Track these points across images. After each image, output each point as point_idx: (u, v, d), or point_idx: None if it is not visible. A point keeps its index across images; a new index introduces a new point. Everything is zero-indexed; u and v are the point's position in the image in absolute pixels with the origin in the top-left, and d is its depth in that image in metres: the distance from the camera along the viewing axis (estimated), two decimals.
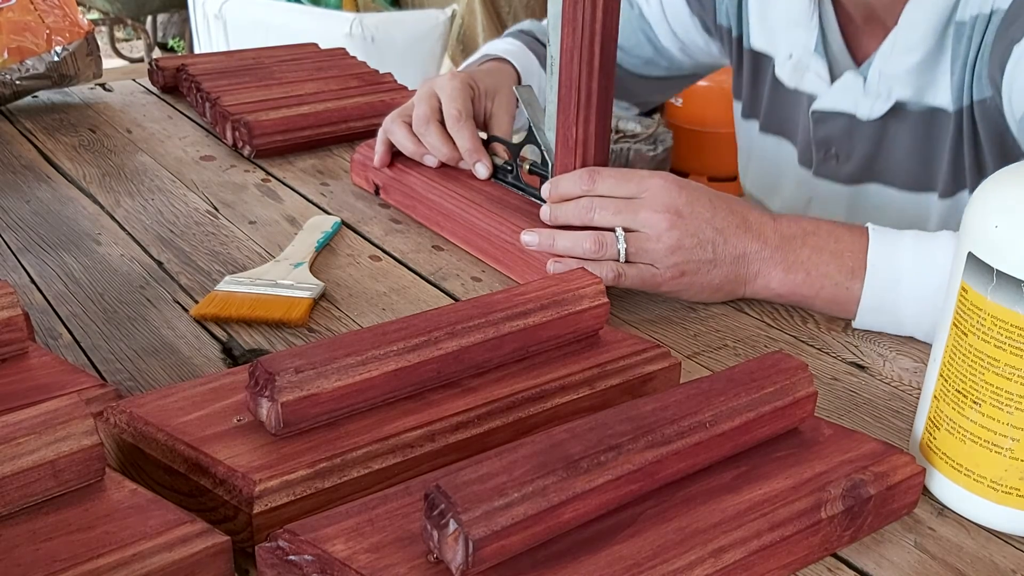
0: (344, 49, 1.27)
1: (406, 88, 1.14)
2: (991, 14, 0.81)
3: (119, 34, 4.07)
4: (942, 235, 0.69)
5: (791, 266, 0.71)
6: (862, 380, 0.67)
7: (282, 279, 0.75)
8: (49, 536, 0.44)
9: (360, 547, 0.43)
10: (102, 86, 1.24)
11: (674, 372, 0.63)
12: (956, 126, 0.87)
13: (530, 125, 0.79)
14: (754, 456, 0.52)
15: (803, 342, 0.72)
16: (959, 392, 0.52)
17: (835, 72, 0.94)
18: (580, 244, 0.71)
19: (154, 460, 0.51)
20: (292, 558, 0.43)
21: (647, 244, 0.70)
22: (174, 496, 0.50)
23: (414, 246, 0.84)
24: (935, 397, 0.54)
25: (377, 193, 0.93)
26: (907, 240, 0.69)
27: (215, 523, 0.47)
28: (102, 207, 0.90)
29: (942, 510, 0.55)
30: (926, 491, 0.55)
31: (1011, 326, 0.48)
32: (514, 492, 0.41)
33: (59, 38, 1.11)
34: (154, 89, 1.24)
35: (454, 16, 2.81)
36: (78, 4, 1.37)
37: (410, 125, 0.88)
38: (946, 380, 0.53)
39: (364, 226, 0.88)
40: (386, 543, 0.43)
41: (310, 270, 0.77)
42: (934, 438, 0.54)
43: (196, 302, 0.73)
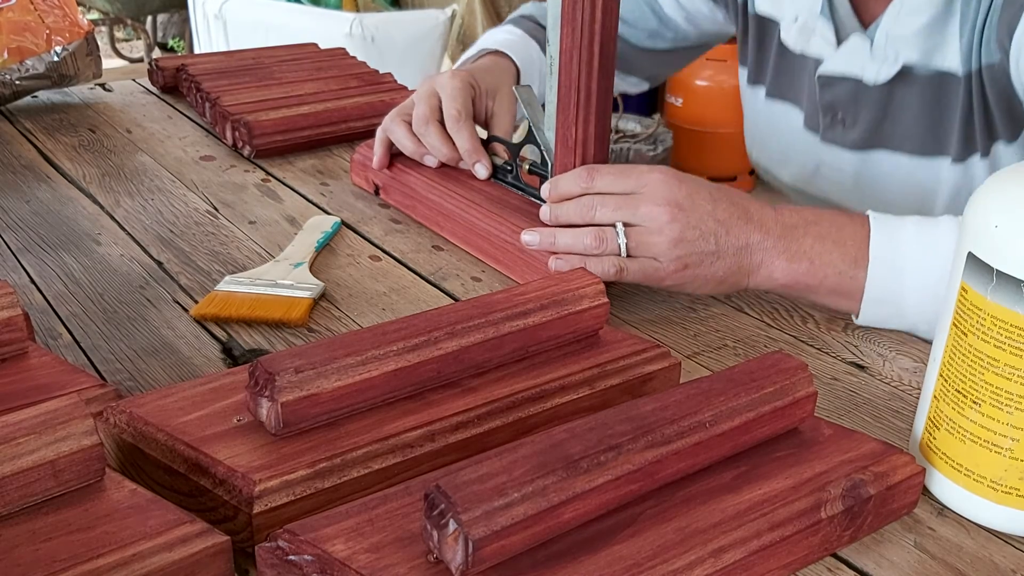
0: (344, 49, 1.27)
1: (406, 88, 1.14)
2: None
3: (119, 34, 4.07)
4: (943, 221, 0.69)
5: (794, 255, 0.70)
6: (862, 380, 0.67)
7: (282, 279, 0.75)
8: (49, 536, 0.44)
9: (360, 547, 0.43)
10: (102, 86, 1.24)
11: (674, 372, 0.63)
12: (966, 90, 0.85)
13: (530, 125, 0.79)
14: (754, 456, 0.52)
15: (803, 342, 0.72)
16: (959, 392, 0.52)
17: (841, 35, 0.92)
18: (581, 240, 0.71)
19: (154, 460, 0.51)
20: (292, 558, 0.43)
21: (649, 238, 0.70)
22: (174, 496, 0.50)
23: (414, 246, 0.84)
24: (935, 397, 0.54)
25: (377, 193, 0.93)
26: (909, 228, 0.69)
27: (215, 523, 0.47)
28: (102, 207, 0.90)
29: (942, 510, 0.55)
30: (926, 491, 0.55)
31: (1011, 326, 0.48)
32: (514, 492, 0.41)
33: (59, 38, 1.11)
34: (154, 89, 1.24)
35: (454, 16, 2.81)
36: (78, 4, 1.37)
37: (410, 124, 0.88)
38: (946, 380, 0.53)
39: (364, 226, 0.88)
40: (386, 543, 0.43)
41: (310, 270, 0.77)
42: (934, 438, 0.54)
43: (196, 302, 0.73)
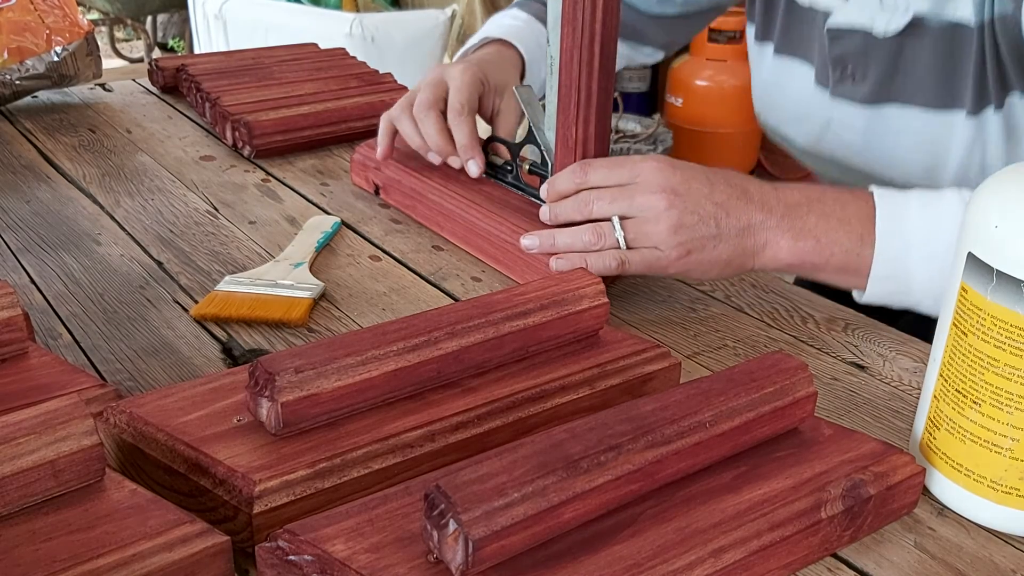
0: (344, 49, 1.27)
1: (406, 88, 1.14)
2: None
3: (119, 34, 4.07)
4: (947, 195, 0.68)
5: (799, 233, 0.69)
6: (862, 380, 0.67)
7: (282, 279, 0.75)
8: (49, 536, 0.44)
9: (360, 547, 0.43)
10: (102, 86, 1.24)
11: (674, 372, 0.63)
12: (979, 41, 0.83)
13: (530, 125, 0.79)
14: (754, 456, 0.52)
15: (803, 342, 0.72)
16: (959, 392, 0.52)
17: None
18: (580, 237, 0.71)
19: (154, 460, 0.51)
20: (292, 558, 0.43)
21: (647, 227, 0.69)
22: (174, 496, 0.50)
23: (414, 246, 0.84)
24: (935, 397, 0.54)
25: (377, 193, 0.93)
26: (913, 204, 0.68)
27: (215, 523, 0.47)
28: (102, 207, 0.90)
29: (942, 510, 0.55)
30: (926, 491, 0.55)
31: (1011, 326, 0.48)
32: (514, 492, 0.41)
33: (59, 38, 1.11)
34: (154, 89, 1.24)
35: (454, 16, 2.81)
36: (78, 4, 1.37)
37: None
38: (946, 380, 0.53)
39: (364, 226, 0.88)
40: (386, 543, 0.43)
41: (310, 270, 0.77)
42: (934, 438, 0.54)
43: (196, 302, 0.73)
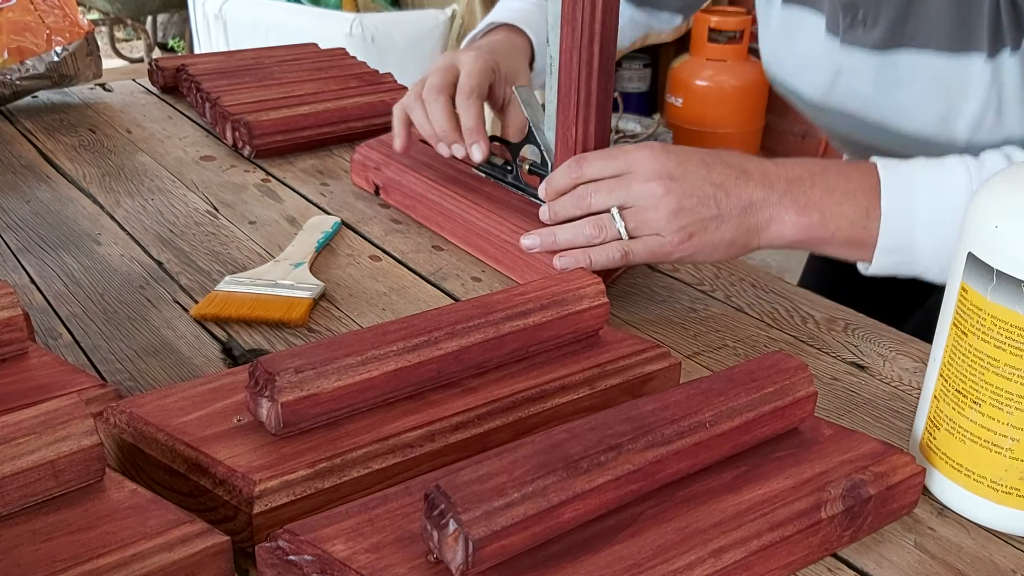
0: (344, 49, 1.27)
1: (406, 88, 1.14)
2: None
3: (119, 34, 4.07)
4: (949, 163, 0.68)
5: (803, 209, 0.68)
6: (862, 380, 0.67)
7: (282, 279, 0.75)
8: (49, 536, 0.44)
9: (360, 547, 0.43)
10: (102, 86, 1.24)
11: (674, 372, 0.63)
12: None
13: (530, 125, 0.79)
14: (754, 456, 0.52)
15: (803, 342, 0.72)
16: (959, 392, 0.52)
17: None
18: (580, 232, 0.71)
19: (154, 460, 0.51)
20: (292, 558, 0.43)
21: (647, 215, 0.69)
22: (174, 496, 0.50)
23: (414, 246, 0.84)
24: (935, 397, 0.54)
25: (377, 193, 0.93)
26: (919, 175, 0.67)
27: (215, 523, 0.47)
28: (102, 207, 0.90)
29: (942, 510, 0.55)
30: (926, 491, 0.55)
31: (1011, 326, 0.48)
32: (514, 492, 0.41)
33: (59, 38, 1.11)
34: (154, 89, 1.24)
35: (454, 16, 2.81)
36: (78, 4, 1.37)
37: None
38: (946, 380, 0.53)
39: (364, 226, 0.88)
40: (386, 543, 0.43)
41: (310, 270, 0.77)
42: (934, 438, 0.54)
43: (196, 302, 0.73)
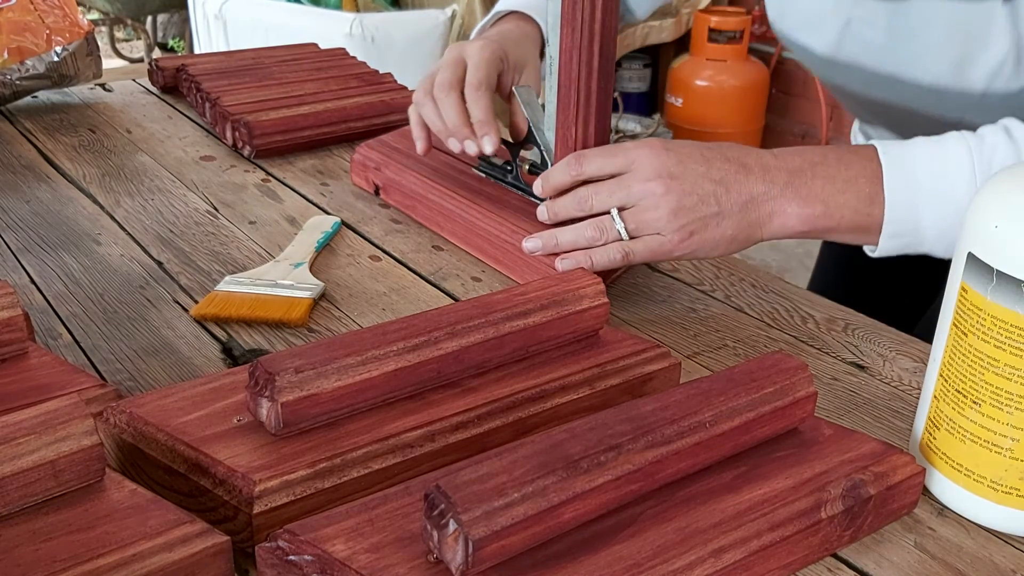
0: (344, 49, 1.27)
1: (406, 88, 1.14)
2: None
3: (119, 34, 4.07)
4: (949, 140, 0.67)
5: (805, 200, 0.68)
6: (862, 380, 0.67)
7: (282, 279, 0.75)
8: (49, 536, 0.44)
9: (360, 547, 0.43)
10: (102, 86, 1.24)
11: (674, 372, 0.63)
12: None
13: (530, 125, 0.79)
14: (754, 456, 0.52)
15: (803, 342, 0.72)
16: (959, 392, 0.52)
17: None
18: (582, 234, 0.71)
19: (154, 460, 0.51)
20: (292, 558, 0.43)
21: (647, 215, 0.69)
22: (174, 496, 0.50)
23: (414, 246, 0.84)
24: (935, 397, 0.54)
25: (377, 193, 0.93)
26: (920, 156, 0.67)
27: (215, 523, 0.47)
28: (102, 207, 0.90)
29: (942, 510, 0.55)
30: (926, 491, 0.55)
31: (1011, 326, 0.48)
32: (514, 492, 0.41)
33: (59, 38, 1.11)
34: (154, 89, 1.24)
35: (454, 16, 2.81)
36: (78, 4, 1.37)
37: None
38: (946, 380, 0.53)
39: (364, 226, 0.88)
40: (386, 543, 0.43)
41: (310, 270, 0.77)
42: (934, 438, 0.54)
43: (196, 302, 0.73)
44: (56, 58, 1.11)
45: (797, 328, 0.74)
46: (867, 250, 0.71)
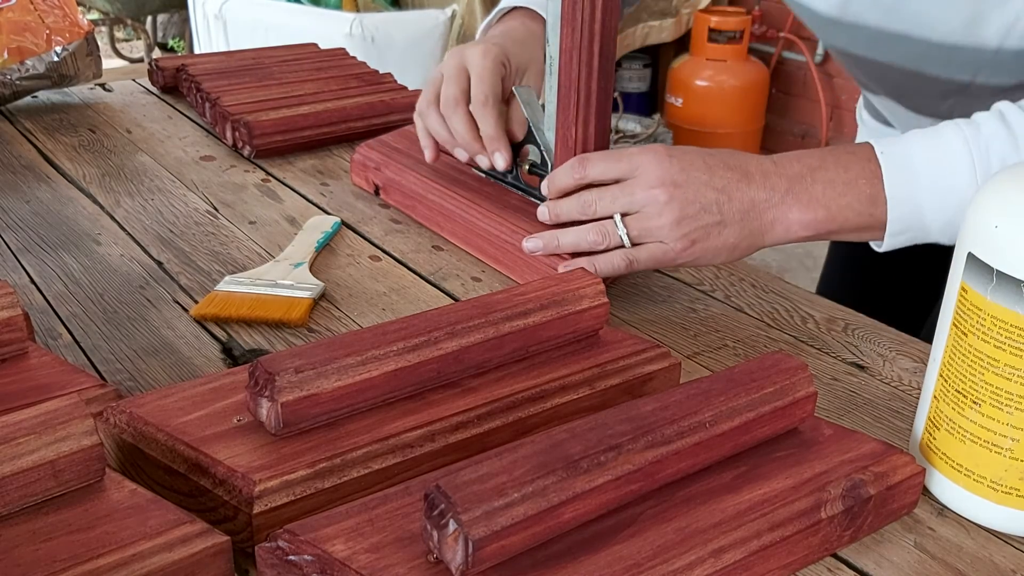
0: (344, 49, 1.27)
1: (406, 88, 1.14)
2: None
3: (119, 34, 4.07)
4: (945, 132, 0.67)
5: (807, 206, 0.68)
6: (862, 380, 0.67)
7: (282, 279, 0.75)
8: (49, 536, 0.44)
9: (360, 547, 0.43)
10: (102, 86, 1.24)
11: (674, 372, 0.63)
12: None
13: (530, 125, 0.79)
14: (754, 456, 0.52)
15: (803, 342, 0.72)
16: (959, 392, 0.52)
17: None
18: (584, 238, 0.71)
19: (154, 460, 0.51)
20: (292, 558, 0.43)
21: (650, 222, 0.69)
22: (174, 496, 0.50)
23: (414, 246, 0.84)
24: (935, 397, 0.54)
25: (377, 193, 0.93)
26: (916, 151, 0.67)
27: (215, 523, 0.47)
28: (102, 207, 0.90)
29: (942, 510, 0.55)
30: (926, 491, 0.55)
31: (1011, 326, 0.48)
32: (514, 492, 0.41)
33: (59, 38, 1.11)
34: (154, 89, 1.24)
35: (454, 16, 2.81)
36: (78, 4, 1.37)
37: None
38: (946, 380, 0.53)
39: (364, 226, 0.88)
40: (386, 543, 0.43)
41: (310, 270, 0.77)
42: (934, 438, 0.54)
43: (196, 302, 0.73)
44: (56, 58, 1.11)
45: (797, 328, 0.74)
46: (873, 245, 0.71)
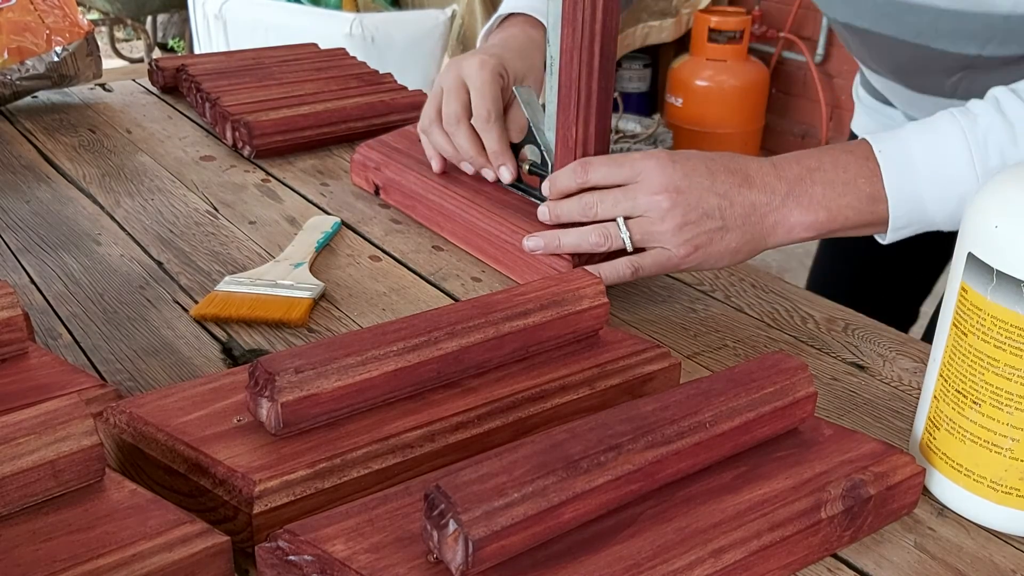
0: (344, 49, 1.27)
1: (406, 88, 1.14)
2: None
3: (119, 34, 4.07)
4: (942, 123, 0.67)
5: (808, 207, 0.69)
6: (862, 380, 0.67)
7: (282, 279, 0.75)
8: (49, 536, 0.44)
9: (360, 547, 0.43)
10: (102, 86, 1.24)
11: (674, 372, 0.63)
12: None
13: (530, 125, 0.79)
14: (754, 456, 0.52)
15: (803, 342, 0.72)
16: (959, 392, 0.52)
17: None
18: (586, 239, 0.71)
19: (154, 460, 0.51)
20: (292, 558, 0.43)
21: (653, 227, 0.69)
22: (174, 496, 0.50)
23: (414, 246, 0.84)
24: (935, 397, 0.54)
25: (377, 193, 0.93)
26: (915, 148, 0.67)
27: (215, 523, 0.47)
28: (102, 207, 0.90)
29: (942, 510, 0.55)
30: (926, 491, 0.55)
31: (1011, 326, 0.48)
32: (514, 492, 0.41)
33: (59, 38, 1.11)
34: (154, 89, 1.24)
35: (454, 16, 2.81)
36: (78, 4, 1.37)
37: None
38: (946, 380, 0.53)
39: (364, 226, 0.88)
40: (386, 543, 0.43)
41: (310, 270, 0.77)
42: (934, 438, 0.54)
43: (196, 302, 0.73)
44: (56, 58, 1.11)
45: (797, 328, 0.74)
46: (878, 238, 0.71)
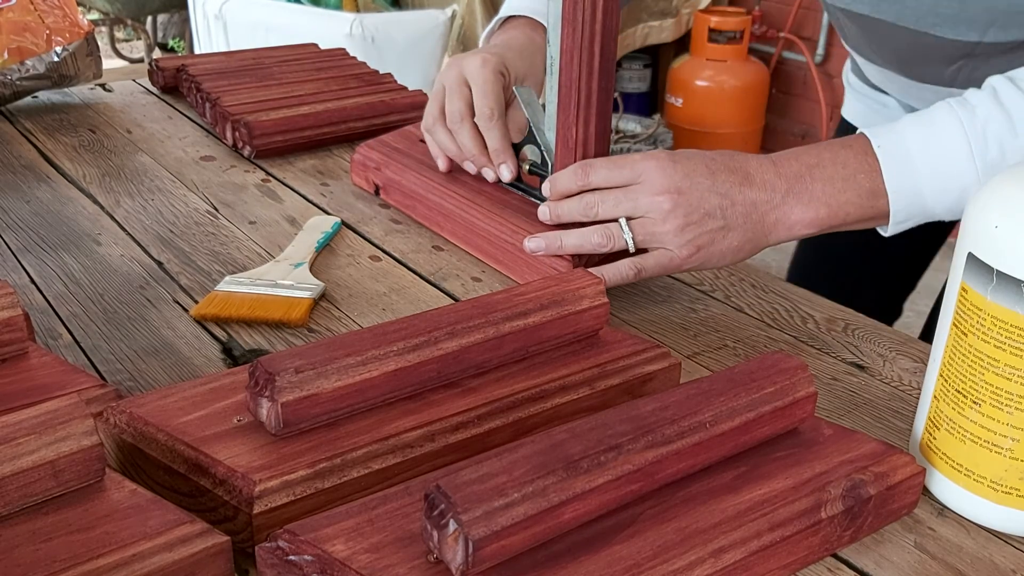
0: (344, 49, 1.27)
1: (406, 88, 1.14)
2: None
3: (119, 34, 4.07)
4: (939, 116, 0.67)
5: (808, 204, 0.69)
6: (862, 380, 0.67)
7: (282, 279, 0.75)
8: (49, 536, 0.44)
9: (360, 547, 0.43)
10: (102, 86, 1.24)
11: (674, 372, 0.63)
12: None
13: (530, 125, 0.79)
14: (754, 456, 0.52)
15: (803, 342, 0.72)
16: (959, 392, 0.52)
17: None
18: (589, 240, 0.71)
19: (154, 460, 0.51)
20: (292, 558, 0.43)
21: (654, 228, 0.69)
22: (174, 496, 0.50)
23: (414, 246, 0.84)
24: (935, 397, 0.54)
25: (377, 193, 0.93)
26: (913, 142, 0.67)
27: (215, 523, 0.47)
28: (102, 207, 0.90)
29: (942, 510, 0.55)
30: (926, 491, 0.55)
31: (1011, 326, 0.48)
32: (514, 492, 0.41)
33: (59, 38, 1.11)
34: (154, 89, 1.24)
35: (454, 16, 2.81)
36: (78, 4, 1.37)
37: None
38: (946, 380, 0.53)
39: (364, 226, 0.88)
40: (386, 543, 0.43)
41: (310, 270, 0.77)
42: (934, 438, 0.54)
43: (196, 302, 0.73)
44: (56, 58, 1.11)
45: (797, 328, 0.74)
46: (879, 230, 0.71)
